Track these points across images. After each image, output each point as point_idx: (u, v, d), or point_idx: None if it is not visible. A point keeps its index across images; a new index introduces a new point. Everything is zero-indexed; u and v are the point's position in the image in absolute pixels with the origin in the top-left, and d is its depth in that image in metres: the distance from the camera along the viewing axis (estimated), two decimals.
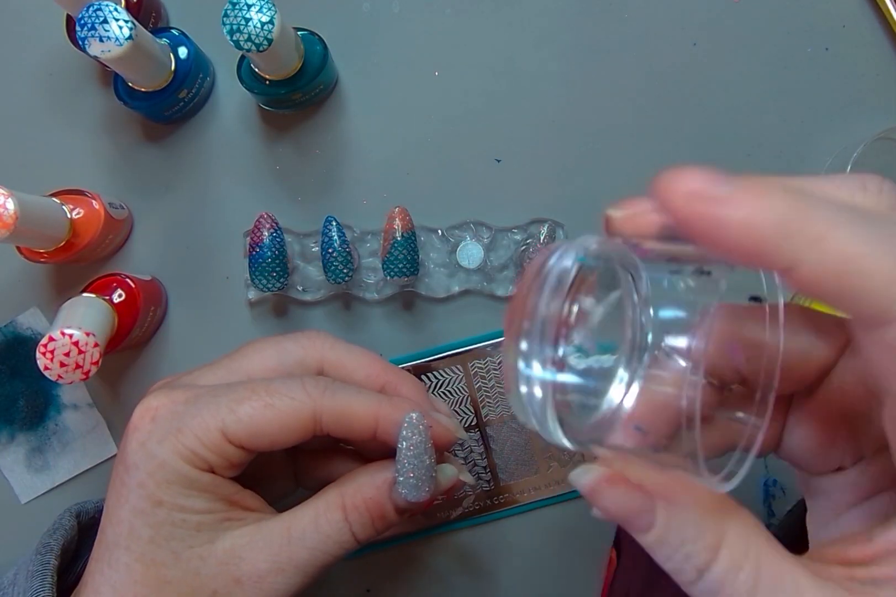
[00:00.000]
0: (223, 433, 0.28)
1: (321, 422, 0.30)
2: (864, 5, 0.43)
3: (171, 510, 0.28)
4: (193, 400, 0.30)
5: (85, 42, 0.36)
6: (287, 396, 0.29)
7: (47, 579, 0.30)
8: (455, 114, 0.44)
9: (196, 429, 0.28)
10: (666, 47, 0.43)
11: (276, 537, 0.29)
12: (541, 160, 0.43)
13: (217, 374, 0.32)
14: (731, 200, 0.18)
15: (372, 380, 0.33)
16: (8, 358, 0.44)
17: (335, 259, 0.40)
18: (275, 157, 0.44)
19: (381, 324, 0.44)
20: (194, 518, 0.29)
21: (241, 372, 0.32)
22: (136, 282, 0.41)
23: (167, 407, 0.29)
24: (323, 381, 0.30)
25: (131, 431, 0.29)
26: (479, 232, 0.43)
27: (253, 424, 0.29)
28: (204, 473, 0.29)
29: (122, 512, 0.29)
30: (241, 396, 0.29)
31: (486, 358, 0.43)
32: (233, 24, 0.35)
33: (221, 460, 0.29)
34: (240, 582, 0.29)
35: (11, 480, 0.45)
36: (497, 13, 0.44)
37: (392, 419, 0.30)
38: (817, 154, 0.43)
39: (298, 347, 0.33)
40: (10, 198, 0.34)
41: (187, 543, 0.28)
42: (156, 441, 0.29)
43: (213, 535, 0.29)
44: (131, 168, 0.45)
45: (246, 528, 0.29)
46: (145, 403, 0.30)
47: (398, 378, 0.33)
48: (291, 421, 0.29)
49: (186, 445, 0.28)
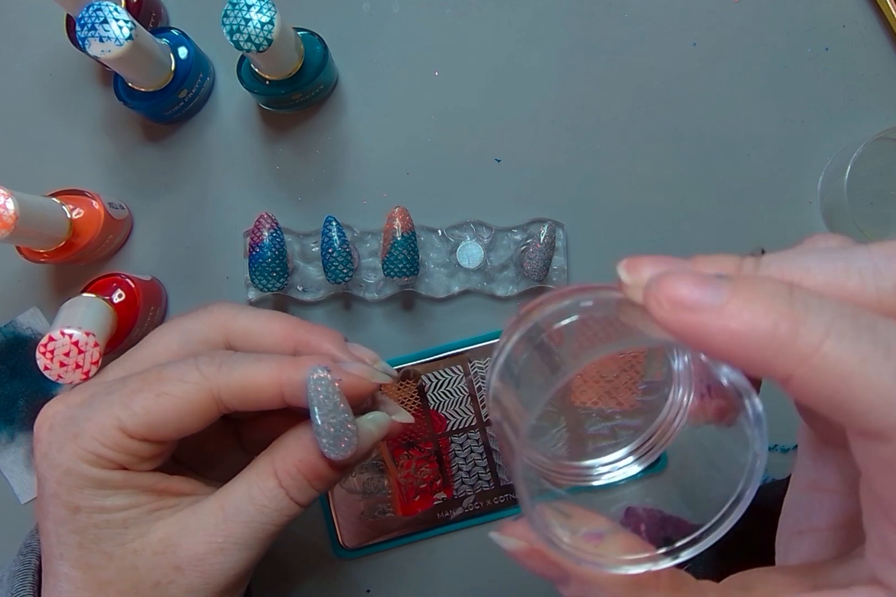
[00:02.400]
0: (121, 430, 0.28)
1: (222, 400, 0.28)
2: (864, 5, 0.43)
3: (91, 513, 0.28)
4: (88, 401, 0.29)
5: (85, 42, 0.36)
6: (180, 381, 0.28)
7: (27, 579, 0.30)
8: (455, 114, 0.44)
9: (92, 431, 0.28)
10: (666, 47, 0.43)
11: (209, 516, 0.28)
12: (541, 160, 0.43)
13: (124, 366, 0.31)
14: (720, 311, 0.17)
15: (282, 344, 0.31)
16: (8, 358, 0.44)
17: (335, 259, 0.40)
18: (275, 157, 0.44)
19: (381, 324, 0.44)
20: (118, 516, 0.28)
21: (146, 361, 0.31)
22: (136, 282, 0.41)
23: (62, 413, 0.29)
24: (218, 356, 0.29)
25: (35, 443, 0.29)
26: (479, 232, 0.43)
27: (150, 416, 0.28)
28: (114, 471, 0.28)
29: (47, 524, 0.28)
30: (132, 388, 0.28)
31: (486, 358, 0.43)
32: (233, 24, 0.35)
33: (128, 456, 0.28)
34: (180, 569, 0.28)
35: (11, 480, 0.45)
36: (497, 13, 0.44)
37: (296, 381, 0.28)
38: (817, 154, 0.43)
39: (200, 323, 0.31)
40: (10, 198, 0.34)
41: (117, 541, 0.28)
42: (56, 450, 0.28)
43: (145, 528, 0.28)
44: (131, 168, 0.45)
45: (179, 513, 0.29)
46: (43, 411, 0.29)
47: (311, 335, 0.31)
48: (189, 406, 0.28)
49: (87, 448, 0.28)
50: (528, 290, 0.43)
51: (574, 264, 0.43)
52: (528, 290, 0.43)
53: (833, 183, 0.42)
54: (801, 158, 0.43)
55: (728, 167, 0.43)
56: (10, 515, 0.45)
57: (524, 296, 0.43)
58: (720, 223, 0.43)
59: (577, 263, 0.43)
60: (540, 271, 0.40)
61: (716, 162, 0.43)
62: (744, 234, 0.43)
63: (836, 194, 0.41)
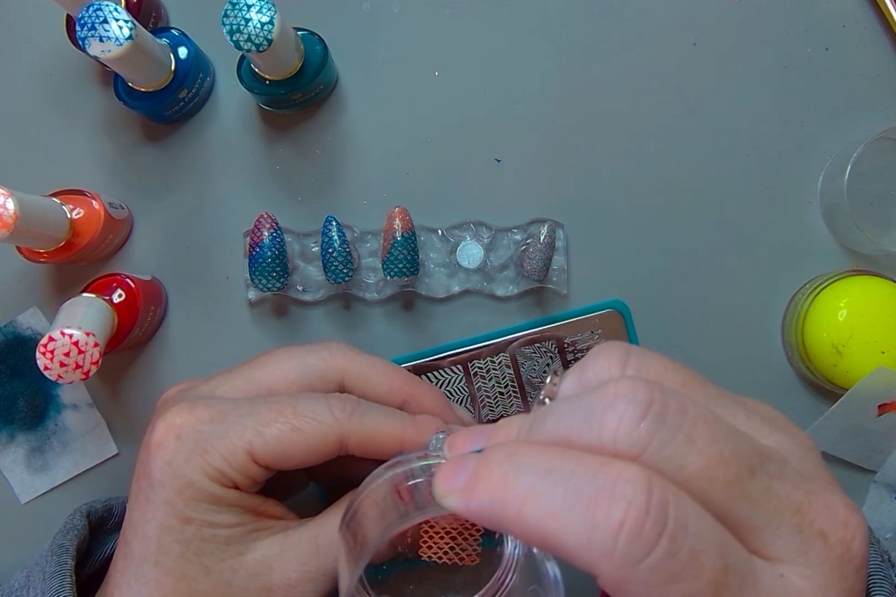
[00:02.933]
0: (250, 454, 0.29)
1: (347, 445, 0.30)
2: (864, 5, 0.43)
3: (201, 527, 0.29)
4: (219, 418, 0.30)
5: (85, 42, 0.36)
6: (314, 420, 0.29)
7: (66, 580, 0.30)
8: (455, 114, 0.44)
9: (222, 450, 0.29)
10: (666, 47, 0.43)
11: (304, 546, 0.29)
12: (541, 160, 0.43)
13: (236, 384, 0.32)
14: (462, 493, 0.21)
15: (395, 394, 0.33)
16: (8, 358, 0.44)
17: (335, 259, 0.40)
18: (275, 157, 0.44)
19: (381, 324, 0.44)
20: (223, 532, 0.29)
21: (262, 384, 0.32)
22: (136, 282, 0.41)
23: (191, 425, 0.29)
24: (349, 403, 0.31)
25: (155, 448, 0.29)
26: (479, 232, 0.43)
27: (280, 447, 0.29)
28: (230, 490, 0.29)
29: (148, 528, 0.29)
30: (267, 417, 0.29)
31: (486, 358, 0.43)
32: (233, 24, 0.35)
33: (246, 478, 0.29)
34: (271, 591, 0.29)
35: (11, 480, 0.45)
36: (497, 13, 0.44)
37: (418, 442, 0.30)
38: (817, 154, 0.43)
39: (319, 359, 0.33)
40: (10, 198, 0.34)
41: (218, 556, 0.29)
42: (182, 460, 0.29)
43: (243, 547, 0.29)
44: (131, 168, 0.45)
45: (274, 537, 0.30)
46: (168, 419, 0.30)
47: (420, 391, 0.34)
48: (318, 445, 0.29)
49: (213, 465, 0.29)
50: (528, 290, 0.43)
51: (574, 264, 0.43)
52: (528, 290, 0.43)
53: (833, 183, 0.42)
54: (801, 158, 0.43)
55: (728, 167, 0.43)
56: (10, 515, 0.45)
57: (524, 296, 0.43)
58: (720, 223, 0.43)
59: (577, 263, 0.43)
60: (540, 271, 0.40)
61: (716, 162, 0.43)
62: (744, 234, 0.43)
63: (836, 194, 0.41)
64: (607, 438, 0.19)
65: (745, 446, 0.19)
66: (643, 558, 0.17)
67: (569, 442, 0.20)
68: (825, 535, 0.19)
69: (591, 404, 0.20)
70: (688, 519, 0.18)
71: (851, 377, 0.40)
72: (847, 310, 0.40)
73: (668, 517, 0.18)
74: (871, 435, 0.41)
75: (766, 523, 0.19)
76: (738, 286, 0.43)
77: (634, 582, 0.18)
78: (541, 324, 0.43)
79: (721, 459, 0.19)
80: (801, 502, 0.19)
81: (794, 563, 0.19)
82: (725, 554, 0.18)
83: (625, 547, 0.17)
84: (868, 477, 0.43)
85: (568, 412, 0.21)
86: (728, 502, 0.19)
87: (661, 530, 0.18)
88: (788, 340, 0.43)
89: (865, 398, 0.40)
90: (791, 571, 0.19)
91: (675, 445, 0.19)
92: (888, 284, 0.41)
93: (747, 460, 0.19)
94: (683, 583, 0.18)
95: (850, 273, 0.41)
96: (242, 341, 0.44)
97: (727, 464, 0.19)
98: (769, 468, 0.19)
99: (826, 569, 0.19)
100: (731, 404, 0.22)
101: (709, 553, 0.18)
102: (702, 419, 0.19)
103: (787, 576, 0.19)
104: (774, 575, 0.19)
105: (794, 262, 0.43)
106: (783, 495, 0.19)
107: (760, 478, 0.19)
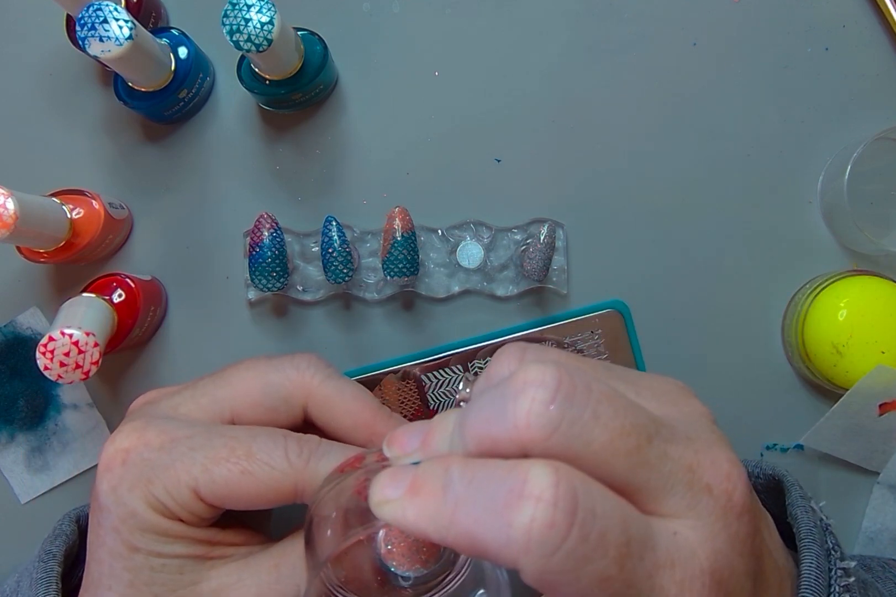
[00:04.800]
0: (194, 491, 0.28)
1: (303, 494, 0.29)
2: (864, 5, 0.43)
3: (149, 556, 0.28)
4: (168, 447, 0.29)
5: (85, 42, 0.36)
6: (267, 465, 0.28)
7: (52, 587, 0.30)
8: (455, 114, 0.44)
9: (167, 482, 0.28)
10: (666, 47, 0.43)
11: (263, 574, 0.28)
12: (541, 160, 0.43)
13: (200, 403, 0.31)
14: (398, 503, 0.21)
15: (359, 431, 0.32)
16: (8, 358, 0.44)
17: (335, 259, 0.40)
18: (275, 157, 0.44)
19: (381, 324, 0.44)
20: (174, 562, 0.28)
21: (225, 404, 0.31)
22: (136, 282, 0.41)
23: (138, 451, 0.29)
24: (307, 447, 0.29)
25: (102, 471, 0.29)
26: (479, 232, 0.43)
27: (227, 489, 0.28)
28: (175, 522, 0.28)
29: (101, 552, 0.28)
30: (219, 455, 0.28)
31: (486, 358, 0.43)
32: (232, 24, 0.35)
33: (191, 515, 0.28)
34: None
35: (11, 480, 0.45)
36: (497, 13, 0.44)
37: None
38: (817, 154, 0.43)
39: (284, 379, 0.31)
40: (10, 198, 0.34)
41: (169, 587, 0.28)
42: (126, 488, 0.28)
43: (197, 576, 0.28)
44: (131, 168, 0.45)
45: (233, 565, 0.29)
46: (118, 441, 0.29)
47: (388, 430, 0.32)
48: (269, 491, 0.28)
49: (157, 496, 0.28)
50: (528, 290, 0.43)
51: (574, 264, 0.43)
52: (528, 290, 0.43)
53: (833, 183, 0.42)
54: (801, 158, 0.43)
55: (728, 167, 0.43)
56: (10, 515, 0.45)
57: (524, 296, 0.43)
58: (720, 223, 0.43)
59: (577, 263, 0.43)
60: (540, 271, 0.40)
61: (716, 162, 0.43)
62: (744, 234, 0.43)
63: (836, 194, 0.41)
64: (521, 422, 0.20)
65: (642, 417, 0.21)
66: (558, 548, 0.18)
67: (489, 433, 0.21)
68: (710, 488, 0.21)
69: (504, 393, 0.21)
70: (594, 504, 0.19)
71: (851, 377, 0.40)
72: (847, 310, 0.40)
73: (577, 506, 0.19)
74: (872, 435, 0.41)
75: (663, 484, 0.21)
76: (738, 286, 0.43)
77: (552, 571, 0.19)
78: (541, 324, 0.43)
79: (623, 430, 0.20)
80: (692, 462, 0.21)
81: (686, 517, 0.21)
82: (628, 528, 0.19)
83: (539, 540, 0.18)
84: (871, 479, 0.43)
85: (486, 404, 0.21)
86: (629, 469, 0.20)
87: (572, 519, 0.19)
88: (788, 340, 0.43)
89: (866, 398, 0.40)
90: (684, 525, 0.21)
91: (583, 423, 0.20)
92: (888, 284, 0.41)
93: (645, 429, 0.21)
94: (594, 563, 0.19)
95: (850, 273, 0.41)
96: (242, 341, 0.44)
97: (628, 435, 0.20)
98: (664, 434, 0.21)
99: (713, 519, 0.21)
100: (623, 381, 0.24)
101: (613, 530, 0.19)
102: (605, 395, 0.21)
103: (679, 532, 0.20)
104: (669, 533, 0.20)
105: (794, 262, 0.43)
106: (676, 457, 0.21)
107: (657, 444, 0.21)
